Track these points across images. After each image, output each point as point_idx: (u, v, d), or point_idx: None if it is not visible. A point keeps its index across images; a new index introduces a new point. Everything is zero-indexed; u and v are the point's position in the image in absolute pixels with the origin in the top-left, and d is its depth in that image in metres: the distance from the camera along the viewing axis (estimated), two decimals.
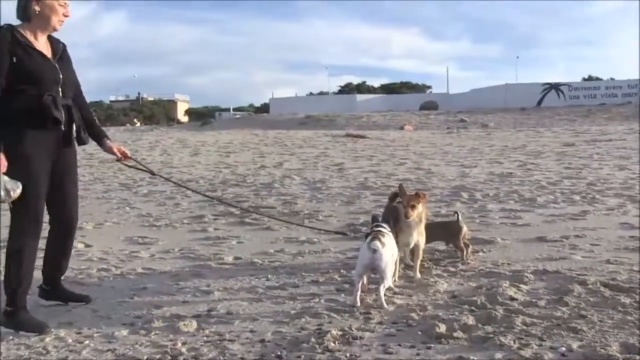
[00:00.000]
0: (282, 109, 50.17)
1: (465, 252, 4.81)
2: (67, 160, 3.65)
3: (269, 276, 4.50)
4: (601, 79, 55.42)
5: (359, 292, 3.78)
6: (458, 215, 4.95)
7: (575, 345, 2.98)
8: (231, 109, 75.04)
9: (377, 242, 3.72)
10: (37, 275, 3.74)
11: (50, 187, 3.54)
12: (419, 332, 3.25)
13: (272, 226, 6.45)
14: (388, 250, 3.78)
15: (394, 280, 4.19)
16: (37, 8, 3.40)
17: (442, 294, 3.95)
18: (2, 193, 3.21)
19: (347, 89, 77.91)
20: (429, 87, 78.78)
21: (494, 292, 3.85)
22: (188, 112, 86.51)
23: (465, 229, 4.90)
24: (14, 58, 3.31)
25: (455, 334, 3.17)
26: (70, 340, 3.26)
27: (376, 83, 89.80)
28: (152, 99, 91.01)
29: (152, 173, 4.53)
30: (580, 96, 45.99)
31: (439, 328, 3.24)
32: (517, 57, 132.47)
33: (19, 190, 3.27)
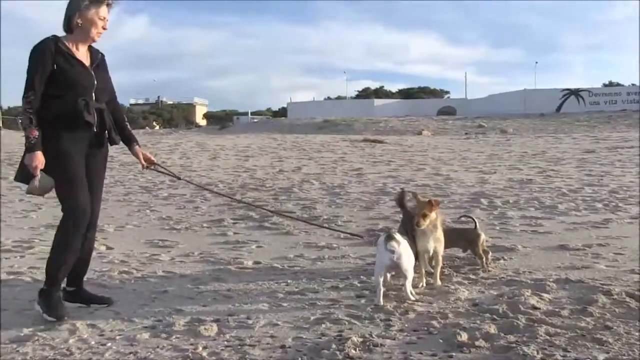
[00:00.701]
0: (299, 113, 50.32)
1: (484, 259, 4.76)
2: (98, 160, 3.92)
3: (289, 281, 4.50)
4: (622, 85, 54.79)
5: (381, 291, 3.86)
6: (476, 222, 4.86)
7: (600, 357, 2.93)
8: (249, 113, 75.33)
9: (393, 242, 3.82)
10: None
11: None
12: (440, 340, 3.22)
13: (292, 231, 6.46)
14: (404, 247, 3.88)
15: (422, 286, 4.22)
16: (79, 21, 3.72)
17: (463, 302, 3.91)
18: (37, 184, 3.61)
19: (365, 94, 77.95)
20: (447, 92, 78.70)
21: (515, 301, 3.81)
22: (206, 115, 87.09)
23: (483, 236, 4.84)
24: (55, 65, 3.64)
25: (477, 343, 3.14)
26: (93, 342, 3.28)
27: (394, 88, 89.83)
28: (171, 102, 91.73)
29: (177, 178, 5.02)
30: (600, 102, 45.59)
31: (461, 336, 3.21)
32: (536, 62, 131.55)
33: (51, 186, 3.67)
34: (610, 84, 61.22)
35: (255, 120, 57.66)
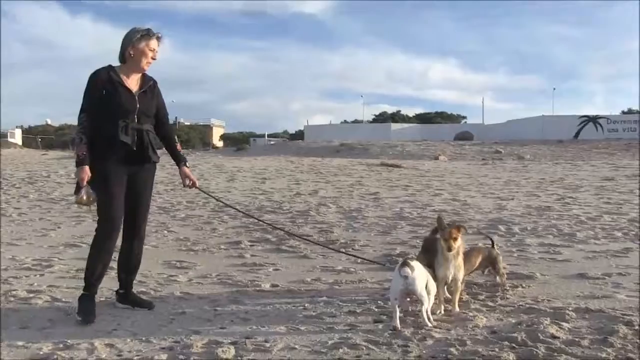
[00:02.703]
0: (316, 136, 50.48)
1: (504, 279, 4.96)
2: (142, 176, 4.37)
3: (306, 305, 4.50)
4: None
5: (398, 314, 3.88)
6: (493, 242, 5.07)
7: None
8: (266, 135, 75.71)
9: (406, 268, 3.86)
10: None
11: (127, 197, 4.29)
12: None
13: (309, 254, 6.46)
14: (418, 273, 3.91)
15: (440, 313, 4.20)
16: (131, 52, 4.21)
17: (481, 329, 3.89)
18: (84, 196, 4.10)
19: (382, 118, 78.09)
20: (464, 117, 78.55)
21: (534, 329, 3.77)
22: (223, 137, 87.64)
23: (500, 256, 5.04)
24: (104, 92, 4.13)
25: None
26: None
27: (411, 112, 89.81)
28: (188, 123, 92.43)
29: (218, 200, 5.72)
30: (619, 129, 45.23)
31: None
32: (554, 88, 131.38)
33: (94, 199, 4.15)
34: (630, 112, 60.79)
35: (272, 143, 57.93)
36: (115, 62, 4.30)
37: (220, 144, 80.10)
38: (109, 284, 4.69)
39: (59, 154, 30.33)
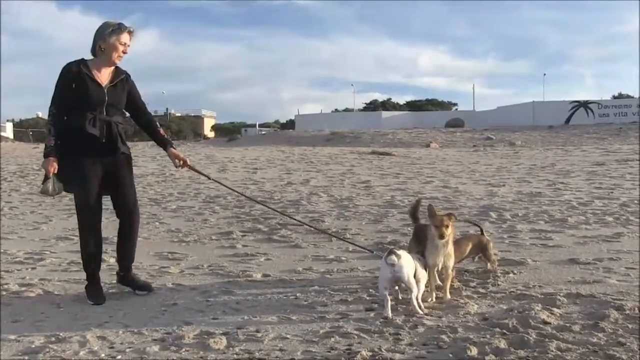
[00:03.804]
0: (307, 125, 50.38)
1: (495, 265, 5.04)
2: (117, 165, 4.44)
3: (298, 294, 4.49)
4: (632, 97, 54.55)
5: (389, 304, 3.90)
6: (482, 229, 5.15)
7: None
8: (257, 125, 75.51)
9: (392, 256, 3.90)
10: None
11: (110, 189, 4.44)
12: (450, 355, 3.21)
13: (300, 244, 6.46)
14: (405, 261, 3.95)
15: (432, 300, 4.22)
16: (102, 46, 4.30)
17: (473, 316, 3.90)
18: (49, 186, 4.22)
19: (373, 106, 78.01)
20: (455, 104, 78.61)
21: (525, 315, 3.79)
22: (214, 127, 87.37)
23: (491, 242, 5.12)
24: (74, 85, 4.23)
25: (487, 358, 3.13)
26: (103, 355, 3.29)
27: (402, 100, 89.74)
28: (179, 114, 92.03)
29: (208, 178, 5.57)
30: (610, 114, 45.35)
31: (470, 351, 3.21)
32: (544, 74, 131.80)
33: (60, 190, 4.29)
34: (620, 96, 60.99)
35: (263, 133, 57.81)
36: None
37: (211, 134, 79.80)
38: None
39: None
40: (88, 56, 4.39)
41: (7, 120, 63.96)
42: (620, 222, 7.41)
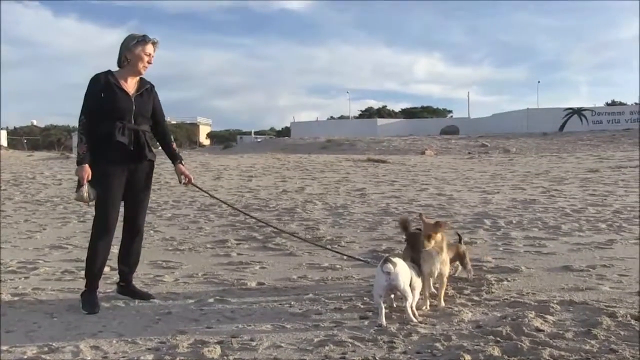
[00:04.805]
0: (303, 132, 50.45)
1: (471, 273, 5.11)
2: (141, 175, 4.58)
3: (292, 303, 4.50)
4: (625, 104, 54.84)
5: (383, 312, 3.92)
6: (460, 237, 5.20)
7: None
8: (253, 133, 75.48)
9: (388, 264, 3.91)
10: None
11: (127, 198, 4.56)
12: None
13: (295, 252, 6.47)
14: (401, 269, 3.95)
15: (426, 308, 4.22)
16: (128, 57, 4.46)
17: (467, 324, 3.91)
18: (84, 194, 4.32)
19: (368, 113, 78.04)
20: (450, 111, 78.62)
21: (519, 323, 3.80)
22: (210, 135, 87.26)
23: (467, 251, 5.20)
24: (103, 94, 4.37)
25: None
26: None
27: (397, 107, 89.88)
28: (174, 122, 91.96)
29: (211, 196, 6.01)
30: (603, 121, 45.59)
31: (464, 359, 3.21)
32: (539, 81, 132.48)
33: (94, 197, 4.37)
34: (614, 103, 61.26)
35: (258, 140, 57.80)
36: (110, 67, 4.55)
37: (207, 142, 79.74)
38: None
39: (45, 155, 30.05)
40: (86, 63, 4.62)
41: (2, 128, 63.80)
42: (613, 229, 7.44)
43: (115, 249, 4.71)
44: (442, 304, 4.31)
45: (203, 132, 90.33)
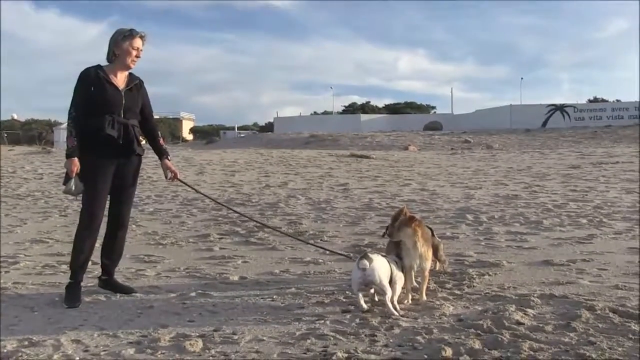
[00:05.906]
0: (286, 128, 50.42)
1: (445, 264, 5.23)
2: (129, 168, 4.61)
3: (275, 296, 4.50)
4: (607, 101, 55.44)
5: (362, 298, 4.07)
6: (432, 230, 5.08)
7: None
8: (236, 128, 75.19)
9: (364, 261, 3.98)
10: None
11: (113, 192, 4.57)
12: (425, 356, 3.23)
13: (277, 246, 6.46)
14: (378, 265, 4.02)
15: (408, 302, 4.26)
16: (116, 52, 4.49)
17: (448, 317, 3.93)
18: (72, 186, 4.33)
19: (352, 109, 78.09)
20: (433, 107, 79.01)
21: (500, 316, 3.83)
22: (193, 130, 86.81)
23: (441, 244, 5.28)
24: (93, 88, 4.39)
25: (461, 358, 3.16)
26: (77, 359, 3.26)
27: (380, 103, 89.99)
28: (157, 116, 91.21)
29: (196, 191, 5.89)
30: (585, 118, 46.12)
31: (445, 352, 3.23)
32: (522, 78, 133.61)
33: (82, 190, 4.38)
34: (595, 100, 61.91)
35: (242, 135, 57.63)
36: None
37: (190, 137, 79.34)
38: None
39: (26, 150, 29.73)
40: (67, 58, 4.58)
41: None
42: (594, 224, 7.53)
43: (98, 243, 4.67)
44: (424, 297, 4.33)
45: (186, 127, 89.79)
